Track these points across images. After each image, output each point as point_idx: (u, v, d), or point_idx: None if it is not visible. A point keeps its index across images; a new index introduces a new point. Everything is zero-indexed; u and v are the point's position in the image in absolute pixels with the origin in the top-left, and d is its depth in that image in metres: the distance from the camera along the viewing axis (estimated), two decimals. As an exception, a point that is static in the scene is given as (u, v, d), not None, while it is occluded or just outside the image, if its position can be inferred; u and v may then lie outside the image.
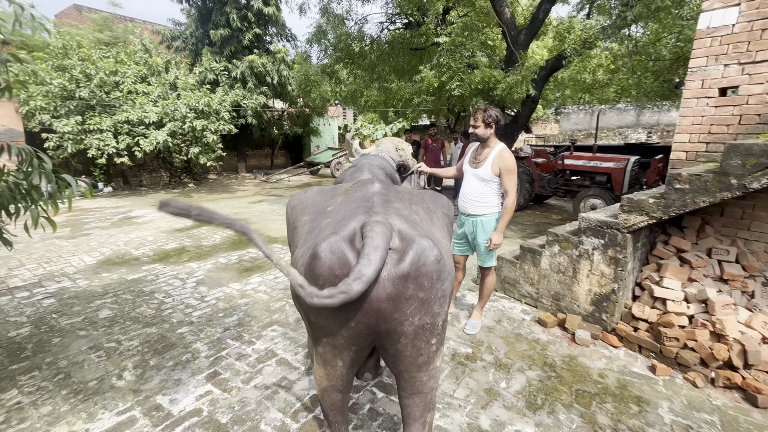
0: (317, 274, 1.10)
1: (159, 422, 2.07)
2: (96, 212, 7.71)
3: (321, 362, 1.32)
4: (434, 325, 1.18)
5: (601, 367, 2.60)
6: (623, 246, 2.76)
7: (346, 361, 1.27)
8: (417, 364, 1.23)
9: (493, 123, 2.65)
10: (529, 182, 7.63)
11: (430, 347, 1.22)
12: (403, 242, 1.13)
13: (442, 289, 1.17)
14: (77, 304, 3.53)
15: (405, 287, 1.10)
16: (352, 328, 1.12)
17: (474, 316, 3.12)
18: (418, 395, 1.31)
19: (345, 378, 1.35)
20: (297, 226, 1.45)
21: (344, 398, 1.44)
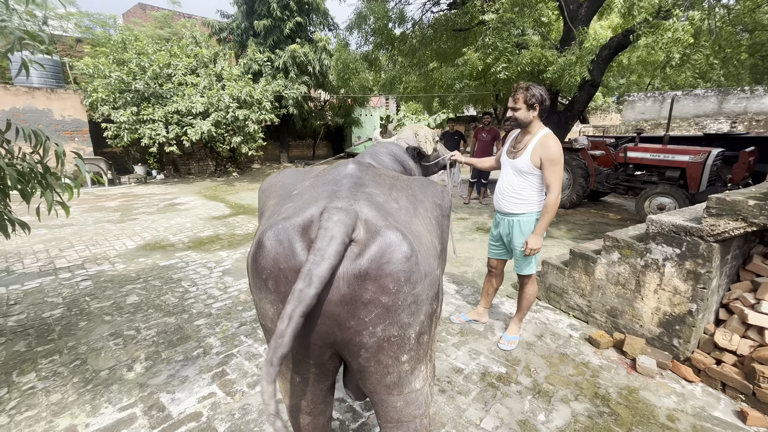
0: (260, 266, 0.92)
1: (157, 424, 1.95)
2: (146, 198, 8.15)
3: (279, 376, 1.09)
4: (404, 338, 0.93)
5: (670, 406, 2.11)
6: (707, 258, 2.21)
7: (306, 377, 1.05)
8: (385, 385, 0.99)
9: (537, 104, 2.21)
10: (584, 177, 6.85)
11: (400, 365, 0.96)
12: (367, 234, 0.89)
13: (413, 294, 0.90)
14: (110, 288, 3.61)
15: (363, 289, 0.86)
16: (302, 337, 0.91)
17: (511, 329, 2.71)
18: (396, 425, 1.05)
19: (310, 397, 1.11)
20: (264, 211, 1.25)
21: (315, 422, 1.18)
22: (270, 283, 0.90)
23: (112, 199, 8.03)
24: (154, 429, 1.92)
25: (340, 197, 0.94)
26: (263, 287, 0.92)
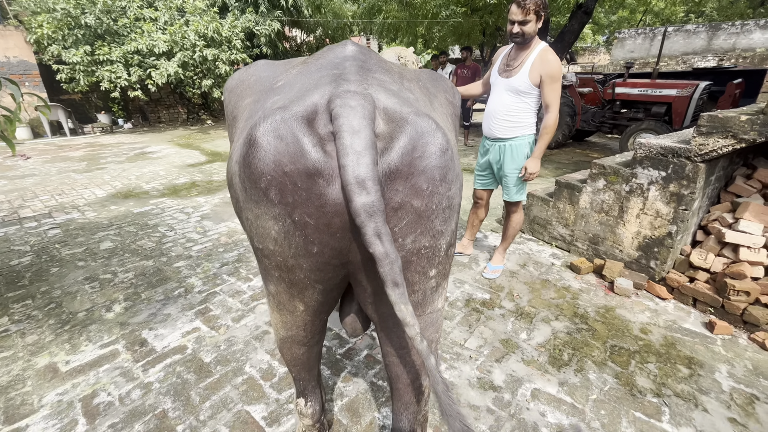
0: (257, 172, 0.70)
1: (141, 357, 1.93)
2: (114, 147, 7.65)
3: (275, 305, 0.97)
4: (435, 250, 0.79)
5: (644, 321, 2.20)
6: (692, 179, 2.19)
7: (310, 305, 0.91)
8: None
9: (543, 13, 2.00)
10: (571, 115, 6.72)
11: (428, 281, 0.83)
12: (390, 125, 0.71)
13: (448, 196, 0.76)
14: (81, 235, 3.44)
15: (392, 191, 0.70)
16: (315, 255, 0.75)
17: (495, 259, 2.73)
18: (410, 351, 0.93)
19: (310, 327, 1.01)
20: (237, 114, 1.01)
21: (310, 352, 1.12)
22: (272, 193, 0.70)
23: (75, 149, 7.51)
24: (138, 362, 1.90)
25: (348, 80, 0.73)
26: (262, 199, 0.72)
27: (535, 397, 1.69)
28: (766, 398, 1.68)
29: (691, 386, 1.74)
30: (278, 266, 0.81)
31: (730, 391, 1.71)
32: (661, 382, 1.77)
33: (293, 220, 0.71)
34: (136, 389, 1.73)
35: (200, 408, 1.63)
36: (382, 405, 1.65)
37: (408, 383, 0.96)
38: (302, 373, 1.18)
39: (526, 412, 1.61)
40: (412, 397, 0.98)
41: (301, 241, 0.74)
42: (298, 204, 0.70)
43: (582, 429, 1.53)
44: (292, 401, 1.66)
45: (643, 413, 1.61)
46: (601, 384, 1.76)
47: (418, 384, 0.97)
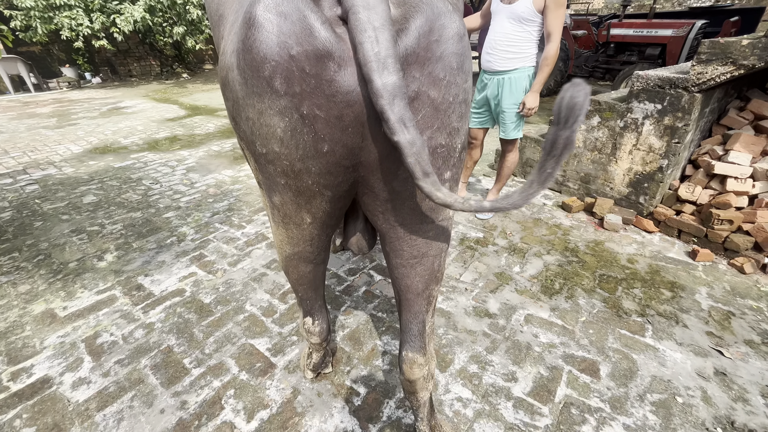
0: (258, 57, 0.62)
1: (139, 301, 1.93)
2: (84, 103, 7.19)
3: (280, 219, 0.91)
4: (451, 150, 0.74)
5: (630, 252, 2.28)
6: (687, 111, 2.17)
7: (318, 216, 0.86)
8: (421, 212, 0.81)
9: None
10: (563, 60, 6.52)
11: (443, 185, 0.76)
12: (403, 7, 0.64)
13: (464, 90, 0.71)
14: (61, 190, 3.31)
15: (410, 78, 0.64)
16: (326, 155, 0.69)
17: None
18: (421, 260, 0.90)
19: (316, 242, 0.97)
20: (223, 11, 0.90)
21: (317, 270, 1.11)
22: (277, 82, 0.62)
23: (42, 105, 7.03)
24: (137, 305, 1.90)
25: None
26: (266, 90, 0.64)
27: (528, 321, 1.77)
28: (741, 314, 1.80)
29: (672, 306, 1.85)
30: (284, 172, 0.75)
31: (709, 309, 1.83)
32: (645, 304, 1.87)
33: (301, 115, 0.65)
34: (138, 329, 1.75)
35: (205, 343, 1.67)
36: (382, 334, 1.71)
37: (418, 293, 0.96)
38: (309, 293, 1.18)
39: (520, 334, 1.70)
40: (423, 305, 0.99)
41: (310, 139, 0.68)
42: (307, 94, 0.63)
43: (572, 346, 1.63)
44: (295, 334, 1.71)
45: (628, 330, 1.71)
46: (589, 308, 1.85)
47: (428, 293, 0.98)
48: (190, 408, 1.38)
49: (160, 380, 1.49)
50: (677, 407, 1.37)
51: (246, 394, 1.43)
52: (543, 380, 1.47)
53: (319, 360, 1.42)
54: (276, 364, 1.56)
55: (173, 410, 1.37)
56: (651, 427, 1.30)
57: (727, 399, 1.39)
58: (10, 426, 1.32)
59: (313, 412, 1.36)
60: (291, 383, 1.47)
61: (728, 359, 1.56)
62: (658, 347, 1.62)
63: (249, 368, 1.54)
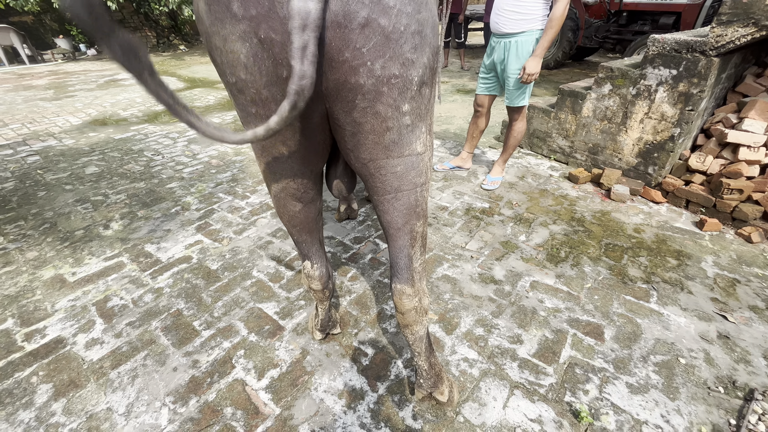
0: None
1: (147, 267, 1.95)
2: (80, 75, 7.04)
3: (260, 152, 0.93)
4: (406, 81, 0.76)
5: (637, 222, 2.27)
6: (703, 76, 2.10)
7: (294, 149, 0.88)
8: (384, 146, 0.84)
9: None
10: (573, 30, 6.29)
11: (401, 117, 0.81)
12: None
13: (418, 21, 0.72)
14: (63, 161, 3.28)
15: (359, 3, 0.65)
16: (286, 80, 0.71)
17: (494, 171, 2.71)
18: (396, 195, 0.93)
19: (299, 178, 0.99)
20: None
21: (307, 210, 1.11)
22: (235, 5, 0.65)
23: (38, 77, 6.89)
24: (145, 271, 1.92)
25: None
26: (226, 15, 0.67)
27: (534, 287, 1.78)
28: (747, 281, 1.80)
29: (678, 274, 1.85)
30: (253, 100, 0.78)
31: (714, 277, 1.83)
32: (650, 271, 1.87)
33: (260, 39, 0.67)
34: (147, 294, 1.77)
35: (213, 307, 1.69)
36: (388, 299, 1.73)
37: (398, 227, 0.98)
38: (303, 235, 1.19)
39: (526, 299, 1.71)
40: (406, 240, 1.01)
41: (271, 64, 0.70)
42: (262, 17, 0.64)
43: (577, 310, 1.64)
44: (302, 298, 1.73)
45: (633, 296, 1.72)
46: (595, 275, 1.85)
47: (409, 228, 0.99)
48: (202, 366, 1.41)
49: (172, 341, 1.52)
50: (680, 368, 1.39)
51: (256, 354, 1.46)
52: (548, 342, 1.49)
53: (326, 316, 1.43)
54: (284, 326, 1.58)
55: (185, 368, 1.40)
56: (653, 386, 1.32)
57: (729, 360, 1.42)
58: (27, 382, 1.36)
59: (322, 371, 1.39)
60: (300, 344, 1.50)
61: (732, 323, 1.57)
62: (662, 312, 1.63)
63: (258, 330, 1.56)
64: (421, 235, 1.04)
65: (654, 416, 1.23)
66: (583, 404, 1.26)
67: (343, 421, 1.23)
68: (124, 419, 1.24)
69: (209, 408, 1.27)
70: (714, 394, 1.30)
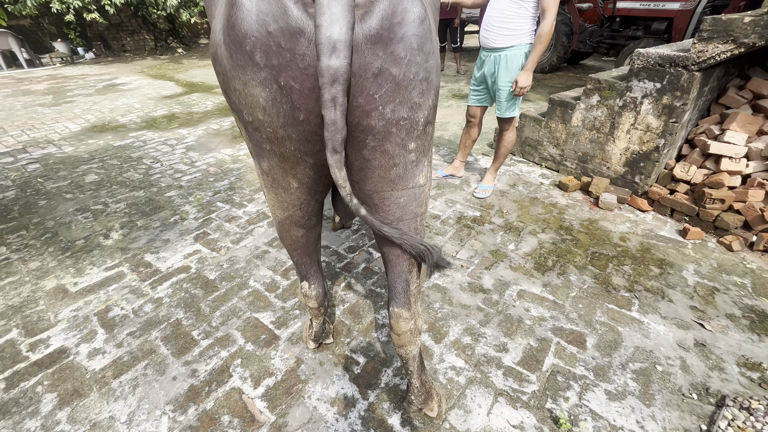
0: (241, 33, 0.70)
1: (147, 277, 2.00)
2: (79, 79, 7.08)
3: (270, 184, 0.99)
4: (413, 122, 0.83)
5: (623, 230, 2.34)
6: (686, 90, 2.17)
7: (303, 182, 0.95)
8: (390, 180, 0.90)
9: None
10: (567, 35, 6.37)
11: (407, 154, 0.88)
12: None
13: (426, 68, 0.79)
14: (63, 169, 3.34)
15: (372, 56, 0.71)
16: (302, 123, 0.78)
17: (486, 179, 2.78)
18: (398, 224, 0.98)
19: (306, 207, 1.05)
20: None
21: (309, 235, 1.18)
22: (258, 56, 0.70)
23: (37, 81, 6.92)
24: (144, 281, 1.98)
25: None
26: (248, 63, 0.72)
27: (521, 296, 1.85)
28: (726, 290, 1.87)
29: (660, 282, 1.92)
30: (269, 138, 0.83)
31: (694, 285, 1.90)
32: (634, 280, 1.94)
33: (279, 85, 0.72)
34: (147, 304, 1.83)
35: (211, 317, 1.75)
36: (380, 308, 1.79)
37: (398, 254, 1.04)
38: (303, 258, 1.25)
39: (513, 308, 1.78)
40: (405, 266, 1.06)
41: (288, 108, 0.75)
42: (283, 66, 0.70)
43: (561, 319, 1.71)
44: (297, 308, 1.79)
45: (615, 305, 1.79)
46: (580, 284, 1.92)
47: (408, 255, 1.04)
48: (201, 375, 1.47)
49: (171, 350, 1.58)
50: (657, 375, 1.46)
51: (252, 363, 1.52)
52: (532, 351, 1.56)
53: (320, 329, 1.50)
54: (280, 336, 1.64)
55: (185, 377, 1.46)
56: (631, 393, 1.39)
57: (704, 368, 1.48)
58: (32, 392, 1.41)
59: (315, 380, 1.46)
60: (294, 353, 1.56)
61: (709, 332, 1.64)
62: (643, 320, 1.70)
63: (254, 340, 1.63)
64: (418, 267, 1.09)
65: (630, 422, 1.30)
66: (563, 411, 1.32)
67: (335, 428, 1.29)
68: (126, 427, 1.30)
69: (207, 416, 1.33)
70: (687, 400, 1.36)
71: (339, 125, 0.72)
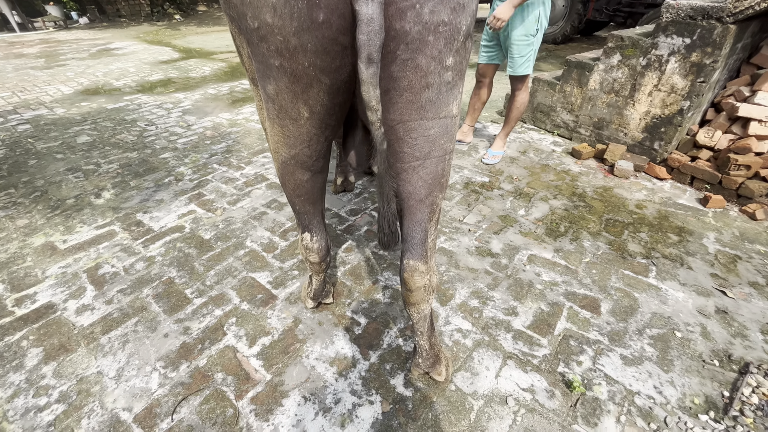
0: None
1: (139, 236, 1.91)
2: (72, 44, 6.83)
3: (276, 113, 0.83)
4: (454, 30, 0.67)
5: (640, 198, 2.22)
6: (718, 45, 2.00)
7: (316, 110, 0.79)
8: (420, 105, 0.75)
9: None
10: (582, 2, 6.04)
11: (443, 73, 0.72)
12: None
13: None
14: (54, 130, 3.21)
15: None
16: (321, 26, 0.62)
17: (495, 145, 2.64)
18: (424, 162, 0.84)
19: (314, 144, 0.90)
20: None
21: (314, 180, 1.04)
22: None
23: (29, 45, 6.69)
24: (137, 240, 1.89)
25: None
26: None
27: (531, 261, 1.75)
28: (748, 258, 1.77)
29: (679, 250, 1.82)
30: (278, 51, 0.68)
31: (715, 253, 1.80)
32: (651, 247, 1.84)
33: None
34: (139, 262, 1.74)
35: (206, 275, 1.66)
36: (383, 270, 1.70)
37: (420, 199, 0.91)
38: (306, 206, 1.13)
39: (523, 273, 1.69)
40: (425, 213, 0.94)
41: (305, 6, 0.61)
42: None
43: (574, 284, 1.62)
44: (296, 268, 1.70)
45: (631, 271, 1.69)
46: (594, 250, 1.82)
47: (431, 200, 0.93)
48: (193, 333, 1.40)
49: (163, 308, 1.50)
50: (675, 341, 1.37)
51: (248, 322, 1.45)
52: (543, 315, 1.48)
53: (320, 287, 1.41)
54: (277, 295, 1.56)
55: (176, 335, 1.39)
56: (648, 358, 1.31)
57: (726, 335, 1.40)
58: (17, 346, 1.35)
59: (314, 339, 1.38)
60: (292, 313, 1.48)
61: (731, 299, 1.55)
62: (660, 287, 1.61)
63: (250, 299, 1.55)
64: (439, 209, 0.98)
65: (647, 387, 1.22)
66: (576, 375, 1.25)
67: (334, 387, 1.22)
68: (115, 383, 1.23)
69: (200, 373, 1.26)
70: (709, 367, 1.28)
71: (376, 24, 0.58)
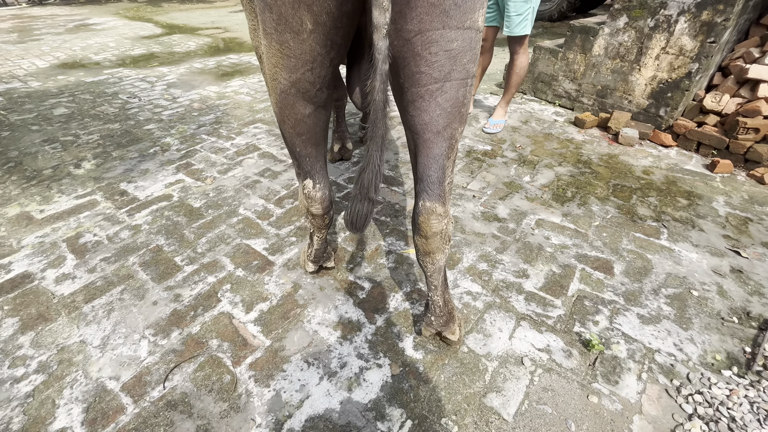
0: None
1: (123, 205, 1.79)
2: (47, 19, 6.46)
3: (274, 25, 0.72)
4: None
5: (646, 164, 2.16)
6: (730, 2, 1.92)
7: (321, 21, 0.68)
8: (443, 9, 0.67)
9: None
10: (580, -22, 5.90)
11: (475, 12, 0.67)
12: None
13: None
14: (29, 102, 3.01)
15: None
16: None
17: (496, 114, 2.55)
18: (443, 86, 0.74)
19: (318, 67, 0.78)
20: None
21: (317, 115, 0.92)
22: None
23: (1, 20, 6.31)
24: (121, 209, 1.76)
25: None
26: None
27: (540, 225, 1.69)
28: (759, 220, 1.73)
29: (689, 213, 1.77)
30: None
31: (726, 215, 1.75)
32: (660, 210, 1.78)
33: None
34: (124, 230, 1.63)
35: (196, 243, 1.56)
36: (386, 235, 1.61)
37: (438, 131, 0.81)
38: (308, 147, 1.01)
39: (531, 236, 1.62)
40: (443, 147, 0.84)
41: None
42: None
43: (585, 247, 1.56)
44: (294, 235, 1.61)
45: (643, 234, 1.63)
46: (603, 214, 1.76)
47: (450, 132, 0.83)
48: (185, 300, 1.30)
49: (151, 276, 1.40)
50: (692, 300, 1.32)
51: (243, 288, 1.35)
52: (555, 277, 1.41)
53: (321, 246, 1.31)
54: (274, 262, 1.47)
55: (167, 302, 1.29)
56: (666, 317, 1.26)
57: (743, 293, 1.36)
58: (-9, 316, 1.23)
59: (315, 304, 1.30)
60: (291, 279, 1.39)
61: (745, 259, 1.50)
62: (673, 248, 1.55)
63: (245, 266, 1.45)
64: (456, 146, 0.88)
65: (667, 345, 1.17)
66: (594, 334, 1.19)
67: (339, 351, 1.14)
68: (100, 351, 1.13)
69: (193, 340, 1.17)
70: (728, 324, 1.24)
71: None
